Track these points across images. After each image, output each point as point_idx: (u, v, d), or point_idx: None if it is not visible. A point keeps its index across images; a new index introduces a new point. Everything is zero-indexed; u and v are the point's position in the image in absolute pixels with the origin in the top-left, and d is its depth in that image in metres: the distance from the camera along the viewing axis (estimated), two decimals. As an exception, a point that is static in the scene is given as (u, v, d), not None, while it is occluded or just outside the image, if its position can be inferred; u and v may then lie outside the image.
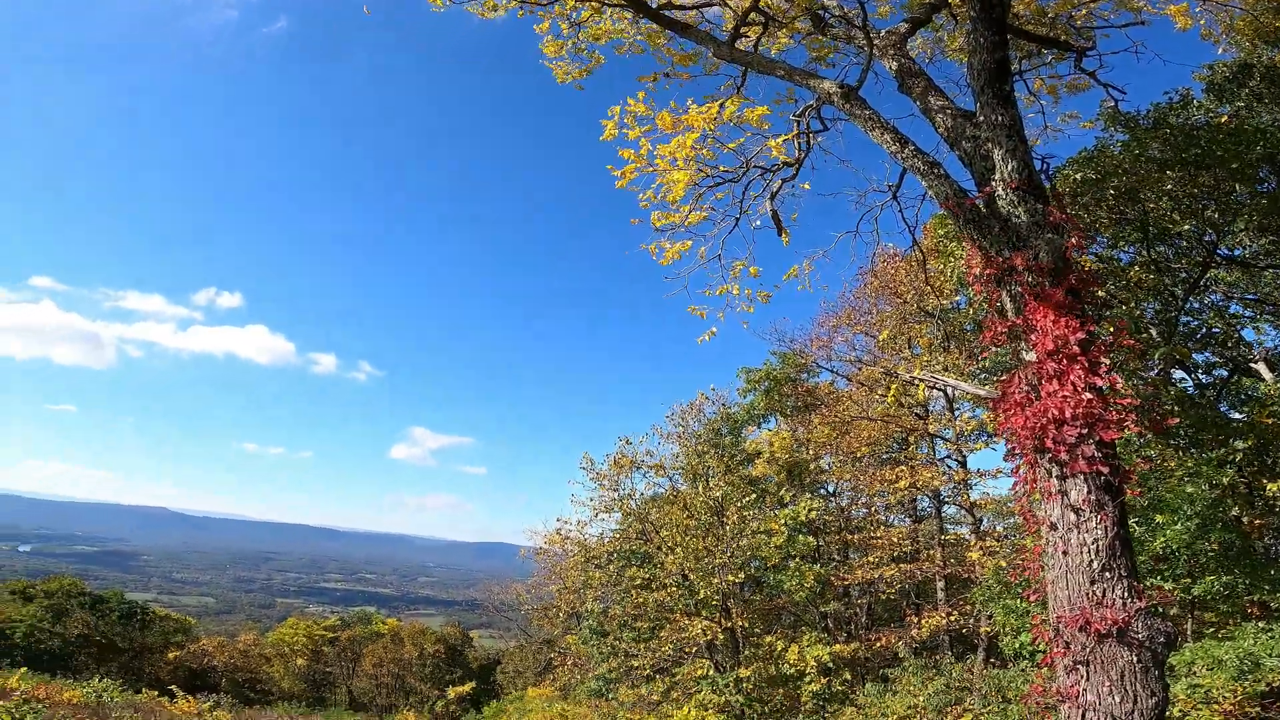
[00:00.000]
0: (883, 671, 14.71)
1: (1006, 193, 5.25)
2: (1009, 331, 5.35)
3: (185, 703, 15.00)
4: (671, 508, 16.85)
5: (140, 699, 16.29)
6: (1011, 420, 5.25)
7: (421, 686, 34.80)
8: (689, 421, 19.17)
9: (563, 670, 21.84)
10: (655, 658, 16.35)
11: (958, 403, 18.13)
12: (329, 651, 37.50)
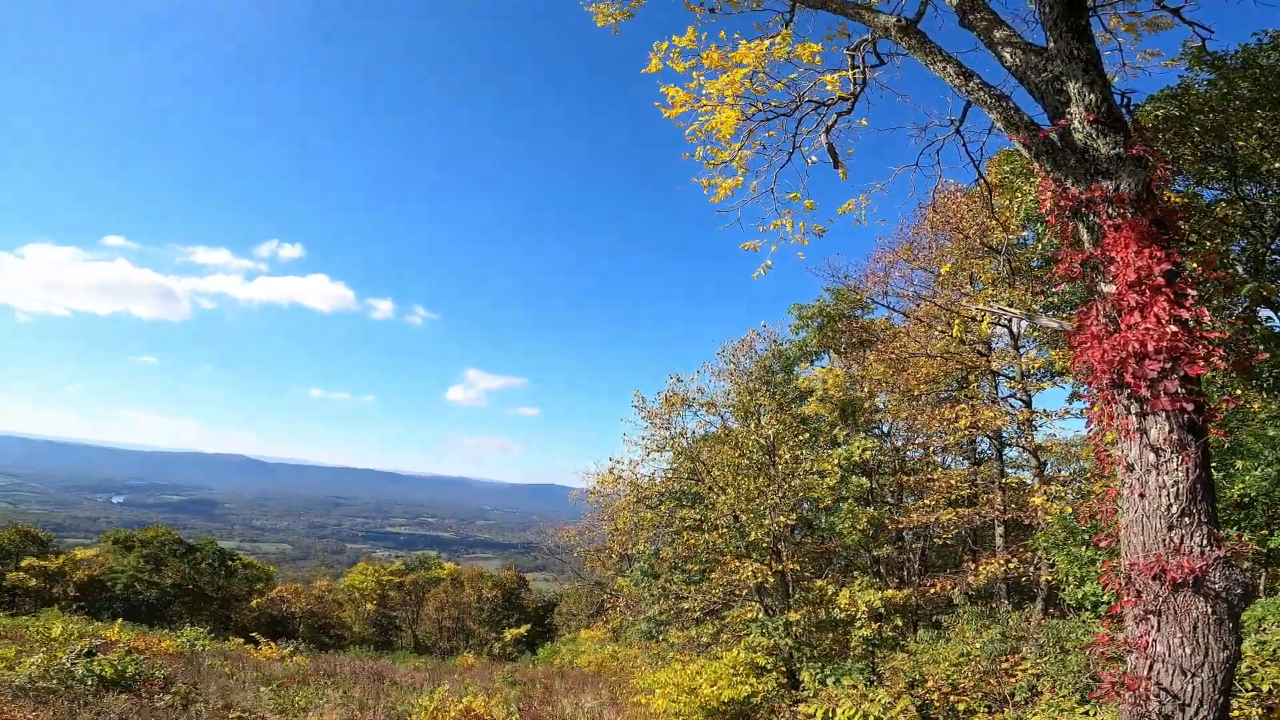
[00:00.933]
0: (936, 618, 14.61)
1: (1084, 125, 5.03)
2: (1085, 263, 5.17)
3: (268, 649, 16.21)
4: (723, 447, 16.71)
5: (228, 646, 17.58)
6: (1087, 354, 5.04)
7: (480, 629, 36.38)
8: (740, 358, 18.86)
9: (614, 613, 22.56)
10: (705, 600, 16.53)
11: (1023, 340, 17.33)
12: (395, 596, 39.04)
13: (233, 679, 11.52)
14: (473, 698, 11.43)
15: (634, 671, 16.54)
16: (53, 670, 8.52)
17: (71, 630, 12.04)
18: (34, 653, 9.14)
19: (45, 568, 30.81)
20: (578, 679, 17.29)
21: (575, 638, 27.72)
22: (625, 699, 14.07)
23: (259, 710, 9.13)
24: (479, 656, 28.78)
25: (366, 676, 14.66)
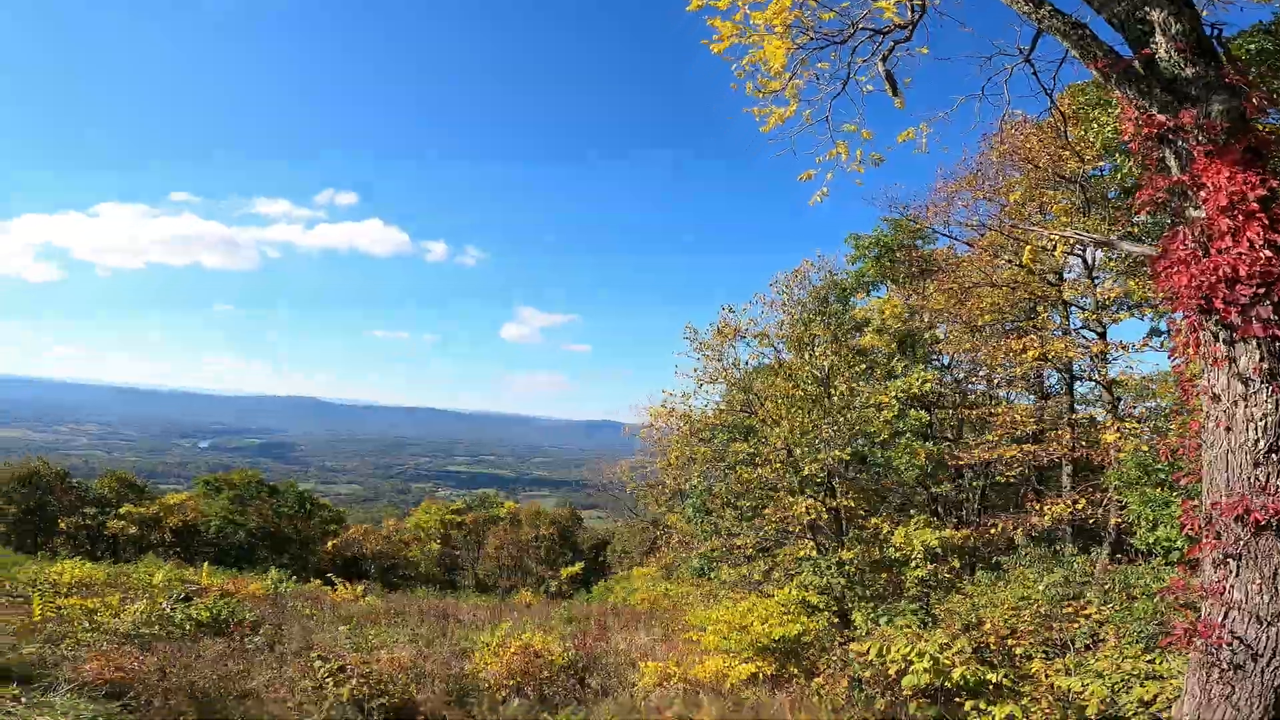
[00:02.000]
0: (995, 560, 14.28)
1: (1171, 54, 4.92)
2: (1171, 189, 5.09)
3: (344, 589, 17.33)
4: (776, 379, 16.41)
5: (308, 588, 18.87)
6: (1173, 278, 4.96)
7: (537, 567, 37.74)
8: (793, 289, 18.36)
9: (667, 550, 22.96)
10: (757, 537, 16.53)
11: (1098, 271, 16.14)
12: (457, 535, 40.52)
13: (312, 620, 12.40)
14: (531, 634, 12.00)
15: (686, 609, 16.97)
16: (154, 616, 9.28)
17: (170, 576, 13.11)
18: (138, 599, 9.93)
19: (142, 514, 33.48)
20: (630, 616, 17.93)
21: (628, 575, 28.36)
22: (677, 636, 14.49)
23: (337, 649, 9.78)
24: (536, 594, 29.90)
25: (433, 615, 15.55)
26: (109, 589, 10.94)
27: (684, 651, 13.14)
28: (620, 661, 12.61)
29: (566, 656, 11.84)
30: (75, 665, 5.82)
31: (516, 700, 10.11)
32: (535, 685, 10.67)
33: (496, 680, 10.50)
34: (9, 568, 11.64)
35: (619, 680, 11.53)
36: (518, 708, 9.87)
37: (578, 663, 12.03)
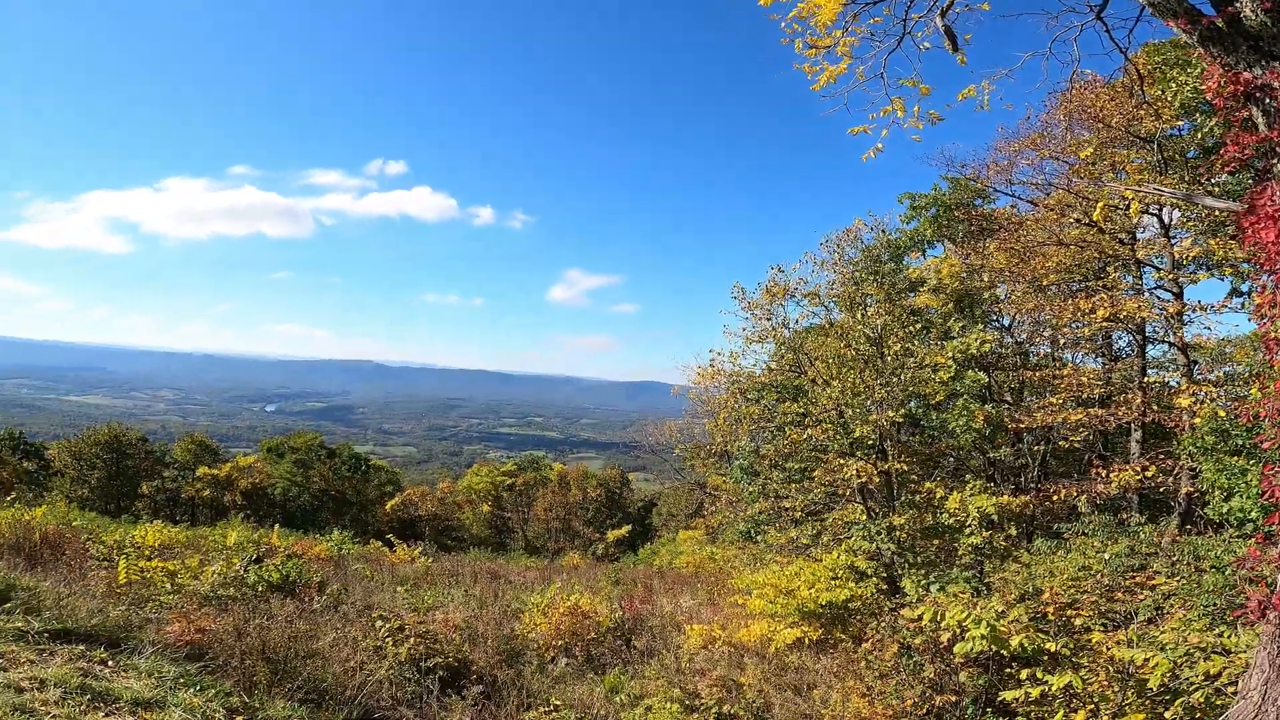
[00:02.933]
0: (1056, 527, 13.78)
1: (1258, 13, 4.76)
2: (1258, 146, 4.94)
3: (401, 550, 18.01)
4: (826, 338, 16.03)
5: (368, 550, 19.65)
6: (1260, 234, 4.86)
7: (585, 530, 38.24)
8: (844, 248, 17.75)
9: (713, 513, 23.00)
10: (806, 500, 16.34)
11: (1176, 229, 15.03)
12: (507, 497, 41.31)
13: (372, 580, 13.01)
14: (579, 596, 12.30)
15: (731, 572, 17.08)
16: (230, 578, 9.84)
17: (243, 538, 13.90)
18: (214, 561, 10.56)
19: (216, 476, 35.49)
20: (676, 579, 18.16)
21: (674, 538, 28.50)
22: (722, 600, 14.62)
23: (395, 609, 10.23)
24: (584, 557, 30.24)
25: (485, 576, 16.08)
26: (188, 551, 11.67)
27: (729, 615, 13.25)
28: (665, 624, 12.84)
29: (613, 618, 12.11)
30: (159, 627, 6.23)
31: (564, 660, 10.44)
32: (583, 646, 10.97)
33: (545, 641, 10.84)
34: (96, 531, 12.52)
35: (664, 642, 11.75)
36: (565, 667, 10.19)
37: (624, 624, 12.30)
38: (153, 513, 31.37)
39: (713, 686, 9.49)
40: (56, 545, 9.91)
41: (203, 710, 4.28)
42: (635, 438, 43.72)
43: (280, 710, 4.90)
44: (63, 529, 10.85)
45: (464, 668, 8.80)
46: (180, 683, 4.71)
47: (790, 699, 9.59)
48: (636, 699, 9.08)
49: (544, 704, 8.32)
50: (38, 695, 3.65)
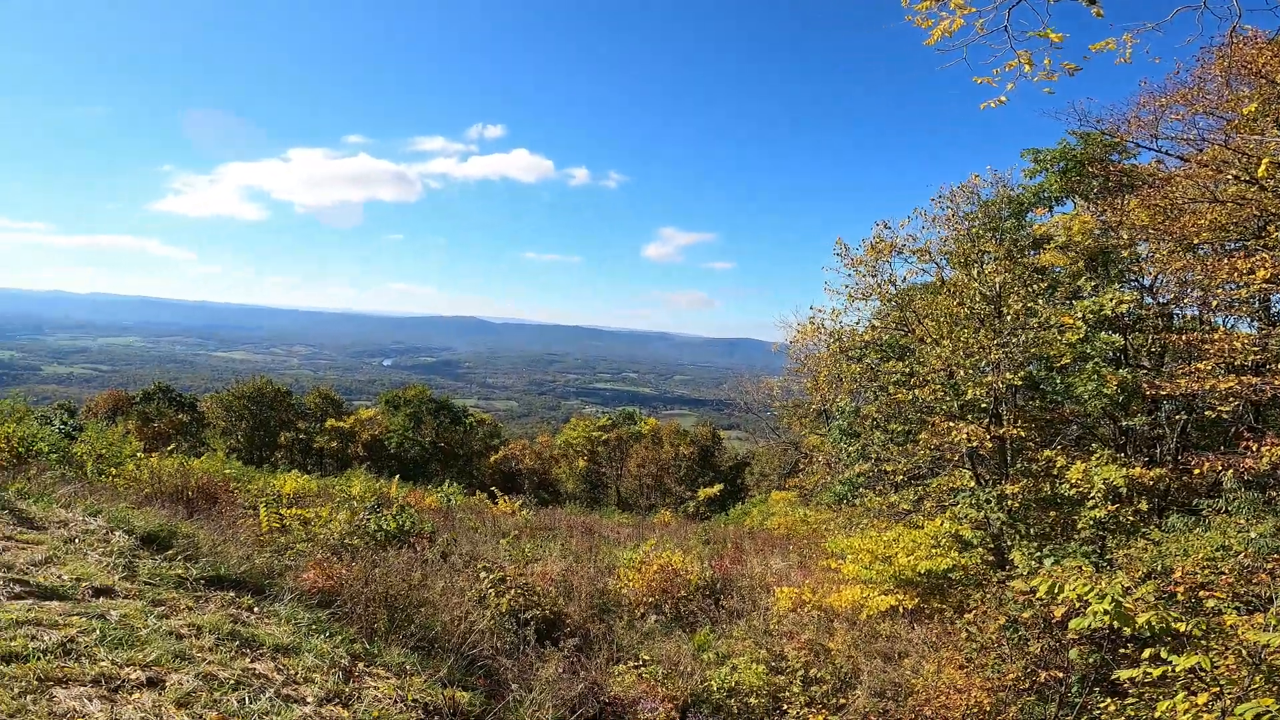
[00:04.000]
0: (1195, 503, 12.48)
1: None
2: None
3: (503, 503, 19.03)
4: (937, 296, 15.19)
5: (473, 501, 20.92)
6: None
7: (676, 487, 38.38)
8: (959, 203, 16.63)
9: (808, 473, 22.60)
10: (909, 464, 15.77)
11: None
12: (602, 452, 41.99)
13: (477, 532, 13.92)
14: (670, 553, 12.61)
15: (825, 535, 16.88)
16: (353, 527, 10.85)
17: (365, 488, 15.25)
18: (341, 510, 11.66)
19: (341, 428, 38.75)
20: (767, 540, 18.17)
21: (766, 499, 28.24)
22: (814, 563, 14.51)
23: (499, 561, 10.93)
24: (675, 514, 30.45)
25: (580, 530, 16.77)
26: (319, 500, 12.96)
27: (820, 579, 13.17)
28: (754, 585, 12.95)
29: (703, 577, 12.36)
30: (296, 574, 7.00)
31: (654, 617, 10.80)
32: (672, 603, 11.30)
33: (636, 597, 11.24)
34: (242, 480, 14.09)
35: (752, 603, 11.88)
36: (654, 624, 10.55)
37: (714, 584, 12.53)
38: (289, 463, 34.70)
39: (800, 650, 9.54)
40: (210, 494, 11.27)
41: (330, 656, 4.80)
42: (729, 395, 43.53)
43: (395, 656, 5.40)
44: (216, 478, 12.30)
45: (559, 620, 9.32)
46: (313, 629, 5.30)
47: (880, 667, 9.49)
48: (723, 658, 9.30)
49: (633, 658, 8.69)
50: (194, 642, 4.23)
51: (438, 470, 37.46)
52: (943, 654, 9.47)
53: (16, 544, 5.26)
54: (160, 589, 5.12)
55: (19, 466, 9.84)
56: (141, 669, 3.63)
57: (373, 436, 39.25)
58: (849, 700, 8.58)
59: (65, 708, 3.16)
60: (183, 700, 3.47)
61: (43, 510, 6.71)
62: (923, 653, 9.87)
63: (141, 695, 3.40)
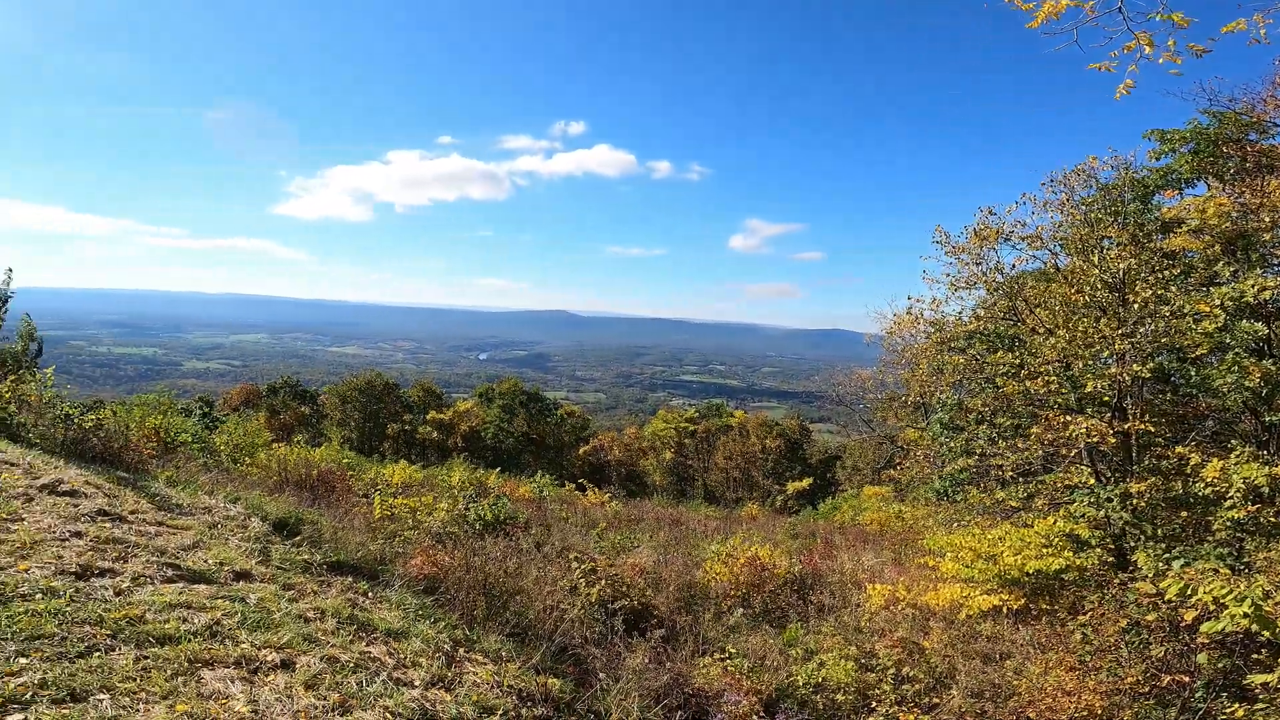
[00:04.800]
0: (1352, 506, 11.02)
1: None
2: None
3: (593, 494, 19.48)
4: (1051, 284, 14.27)
5: (563, 492, 21.50)
6: None
7: (764, 480, 37.67)
8: (1074, 186, 15.52)
9: (905, 467, 21.75)
10: (1019, 459, 14.95)
11: None
12: (689, 444, 41.94)
13: (567, 522, 14.38)
14: (758, 547, 12.53)
15: (922, 532, 16.24)
16: (454, 515, 11.50)
17: (464, 478, 16.12)
18: (443, 499, 12.38)
19: (441, 420, 40.93)
20: (858, 536, 17.66)
21: (858, 494, 27.34)
22: (910, 560, 14.00)
23: (588, 551, 11.27)
24: (762, 508, 29.97)
25: (667, 522, 16.94)
26: (423, 489, 13.83)
27: (916, 577, 12.74)
28: (845, 581, 12.67)
29: (791, 572, 12.22)
30: (404, 561, 7.57)
31: (740, 610, 10.80)
32: (759, 597, 11.25)
33: (723, 590, 11.26)
34: (356, 470, 15.27)
35: (842, 600, 11.64)
36: (740, 617, 10.54)
37: (803, 579, 12.36)
38: (395, 453, 37.11)
39: (892, 648, 9.28)
40: (330, 482, 12.30)
41: (435, 641, 5.19)
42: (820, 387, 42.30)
43: (493, 643, 5.74)
44: (334, 468, 13.41)
45: (646, 611, 9.51)
46: (419, 614, 5.73)
47: (978, 667, 9.09)
48: (810, 653, 9.19)
49: (718, 651, 8.74)
50: (319, 625, 4.70)
51: (530, 461, 38.76)
52: (1050, 656, 8.99)
53: (168, 529, 6.01)
54: (290, 573, 5.71)
55: (167, 455, 11.15)
56: (276, 651, 4.07)
57: (470, 428, 41.18)
58: (943, 700, 8.28)
59: (211, 689, 3.53)
60: (310, 682, 3.87)
61: (189, 497, 7.60)
62: (1027, 654, 9.38)
63: (275, 677, 3.82)
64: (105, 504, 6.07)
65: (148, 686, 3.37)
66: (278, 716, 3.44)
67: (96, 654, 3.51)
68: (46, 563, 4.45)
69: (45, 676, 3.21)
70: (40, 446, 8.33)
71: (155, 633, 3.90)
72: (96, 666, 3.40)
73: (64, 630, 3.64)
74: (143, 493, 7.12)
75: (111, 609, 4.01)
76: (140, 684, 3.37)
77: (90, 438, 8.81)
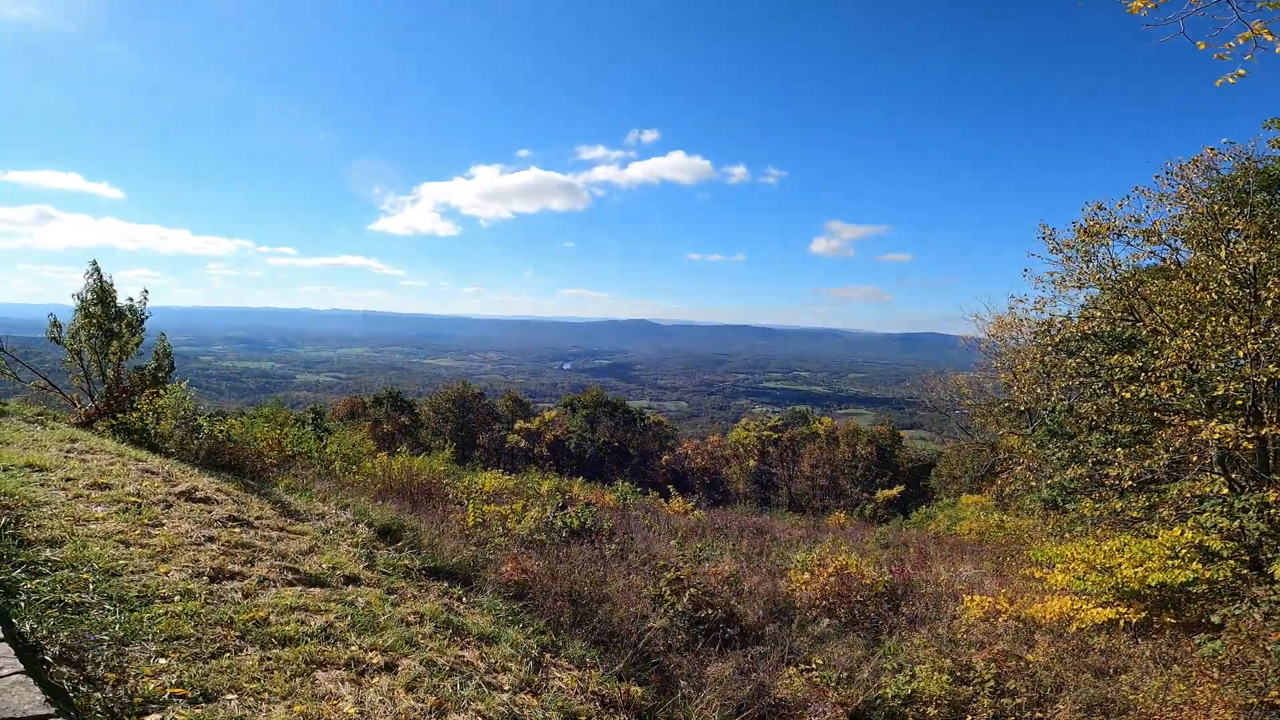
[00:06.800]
0: None
1: None
2: None
3: (676, 502, 19.47)
4: (1172, 281, 13.22)
5: (647, 500, 21.63)
6: None
7: (852, 489, 36.42)
8: (1192, 179, 14.32)
9: (1009, 478, 20.47)
10: (1139, 467, 13.79)
11: None
12: (773, 452, 41.31)
13: (651, 530, 14.46)
14: (846, 556, 12.16)
15: (1026, 543, 15.23)
16: (542, 523, 11.90)
17: (552, 486, 16.54)
18: (532, 507, 12.82)
19: (528, 429, 42.23)
20: (955, 546, 16.73)
21: (955, 503, 25.88)
22: (1013, 571, 13.17)
23: (672, 559, 11.32)
24: (850, 517, 29.25)
25: (751, 531, 16.69)
26: (513, 497, 14.33)
27: (1019, 589, 12.03)
28: (941, 592, 12.11)
29: (882, 582, 11.78)
30: (495, 567, 7.91)
31: (826, 621, 10.51)
32: (847, 607, 10.92)
33: (809, 599, 11.01)
34: (451, 477, 16.02)
35: (936, 611, 11.12)
36: (827, 628, 10.26)
37: (894, 589, 11.89)
38: (485, 461, 38.64)
39: (991, 660, 8.79)
40: (428, 490, 12.98)
41: (523, 646, 5.39)
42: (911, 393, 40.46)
43: (578, 649, 5.90)
44: (432, 477, 14.13)
45: (730, 620, 9.45)
46: (509, 619, 5.98)
47: (1089, 681, 8.46)
48: (901, 665, 8.84)
49: (803, 661, 8.54)
50: (418, 629, 5.00)
51: (613, 469, 39.24)
52: (1174, 669, 8.29)
53: (288, 534, 6.56)
54: (393, 578, 6.10)
55: (285, 464, 12.11)
56: (380, 654, 4.36)
57: (555, 436, 42.27)
58: (1048, 714, 7.75)
59: (324, 690, 3.77)
60: (410, 685, 4.12)
61: (305, 503, 8.27)
62: (1146, 668, 8.65)
63: (380, 679, 4.08)
64: (234, 510, 6.72)
65: (270, 687, 3.62)
66: (381, 718, 3.68)
67: (226, 655, 3.81)
68: (184, 566, 4.94)
69: (182, 677, 3.47)
70: (176, 455, 9.29)
71: (277, 634, 4.21)
72: (226, 667, 3.69)
73: (199, 631, 3.97)
74: (266, 499, 7.81)
75: (240, 611, 4.39)
76: (264, 684, 3.64)
77: (221, 448, 9.74)
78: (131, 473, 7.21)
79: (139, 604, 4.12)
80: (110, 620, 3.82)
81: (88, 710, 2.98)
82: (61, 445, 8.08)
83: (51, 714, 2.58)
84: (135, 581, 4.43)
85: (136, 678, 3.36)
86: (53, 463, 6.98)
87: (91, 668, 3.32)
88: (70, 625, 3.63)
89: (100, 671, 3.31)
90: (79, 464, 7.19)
